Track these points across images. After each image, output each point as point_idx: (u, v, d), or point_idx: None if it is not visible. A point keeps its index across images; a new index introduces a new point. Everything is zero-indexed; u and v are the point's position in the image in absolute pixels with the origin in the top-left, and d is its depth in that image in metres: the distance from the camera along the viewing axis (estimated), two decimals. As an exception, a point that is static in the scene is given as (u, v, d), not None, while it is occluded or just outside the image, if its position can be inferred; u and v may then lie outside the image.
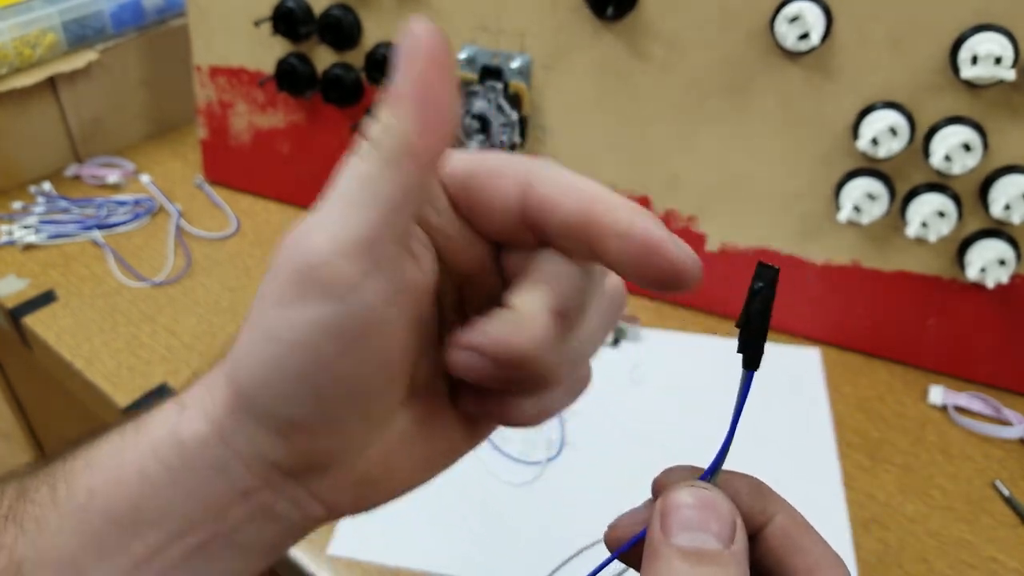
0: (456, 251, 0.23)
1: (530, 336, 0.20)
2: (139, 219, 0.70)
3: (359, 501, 0.23)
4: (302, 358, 0.20)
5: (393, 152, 0.19)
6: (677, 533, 0.20)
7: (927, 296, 0.55)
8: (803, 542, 0.22)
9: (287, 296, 0.20)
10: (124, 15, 0.76)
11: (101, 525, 0.22)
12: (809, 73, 0.52)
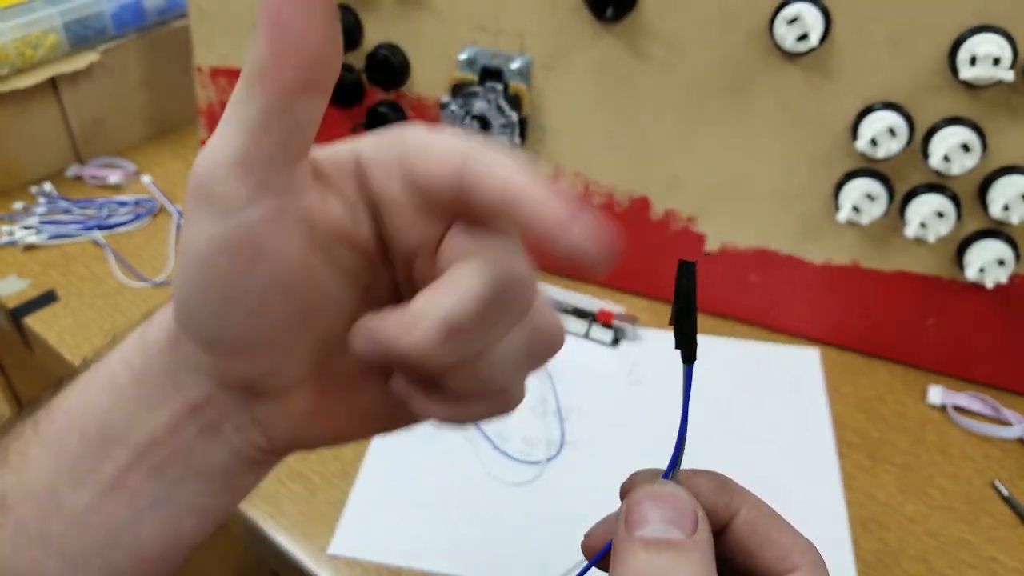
0: (402, 223, 0.23)
1: (413, 339, 0.21)
2: (140, 219, 0.71)
3: (295, 437, 0.25)
4: (198, 273, 0.21)
5: (252, 74, 0.20)
6: (639, 527, 0.20)
7: (926, 296, 0.55)
8: (771, 534, 0.22)
9: (187, 214, 0.21)
10: (125, 16, 0.76)
11: (75, 446, 0.24)
12: (808, 74, 0.52)
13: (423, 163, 0.22)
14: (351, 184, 0.23)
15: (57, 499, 0.24)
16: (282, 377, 0.24)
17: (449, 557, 0.45)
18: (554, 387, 0.54)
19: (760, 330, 0.60)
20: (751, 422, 0.53)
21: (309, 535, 0.46)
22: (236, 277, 0.21)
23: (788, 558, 0.21)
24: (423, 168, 0.22)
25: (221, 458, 0.24)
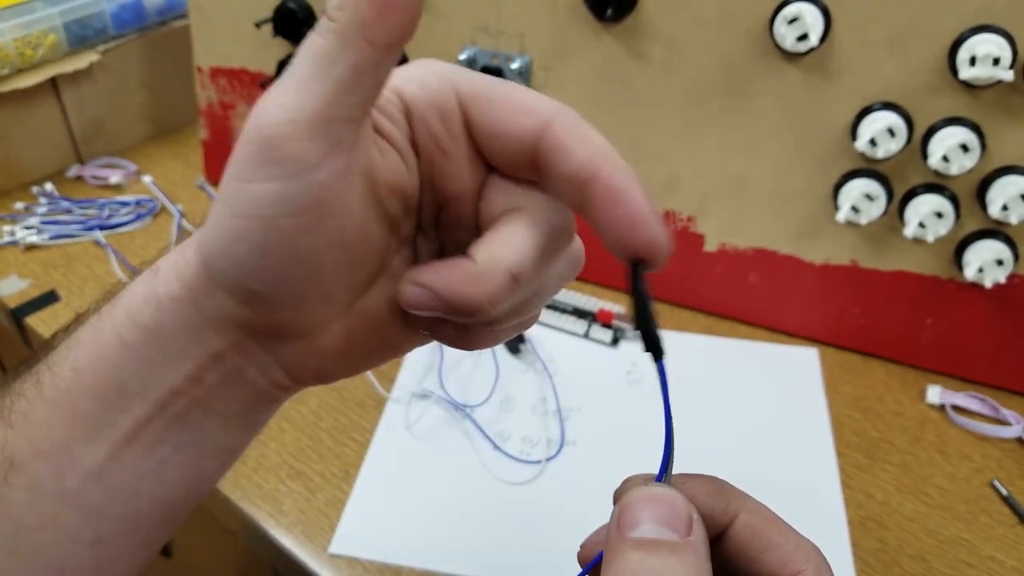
0: (449, 170, 0.23)
1: (483, 291, 0.21)
2: (141, 219, 0.71)
3: (321, 373, 0.25)
4: (259, 232, 0.21)
5: (348, 30, 0.19)
6: (632, 529, 0.20)
7: (925, 296, 0.55)
8: (773, 538, 0.22)
9: (246, 170, 0.20)
10: (125, 16, 0.76)
11: (88, 404, 0.23)
12: (808, 74, 0.52)
13: (504, 116, 0.22)
14: (402, 131, 0.23)
15: (72, 455, 0.23)
16: (317, 320, 0.23)
17: (449, 556, 0.45)
18: (554, 387, 0.55)
19: (759, 330, 0.60)
20: (750, 421, 0.53)
21: (310, 534, 0.46)
22: (301, 237, 0.21)
23: (792, 562, 0.21)
24: (502, 121, 0.22)
25: (244, 400, 0.24)
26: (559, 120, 0.21)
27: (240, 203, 0.21)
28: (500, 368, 0.56)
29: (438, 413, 0.53)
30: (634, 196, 0.21)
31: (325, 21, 0.20)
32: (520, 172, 0.23)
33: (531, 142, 0.21)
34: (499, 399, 0.54)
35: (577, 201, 0.22)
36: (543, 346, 0.58)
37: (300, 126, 0.20)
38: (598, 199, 0.21)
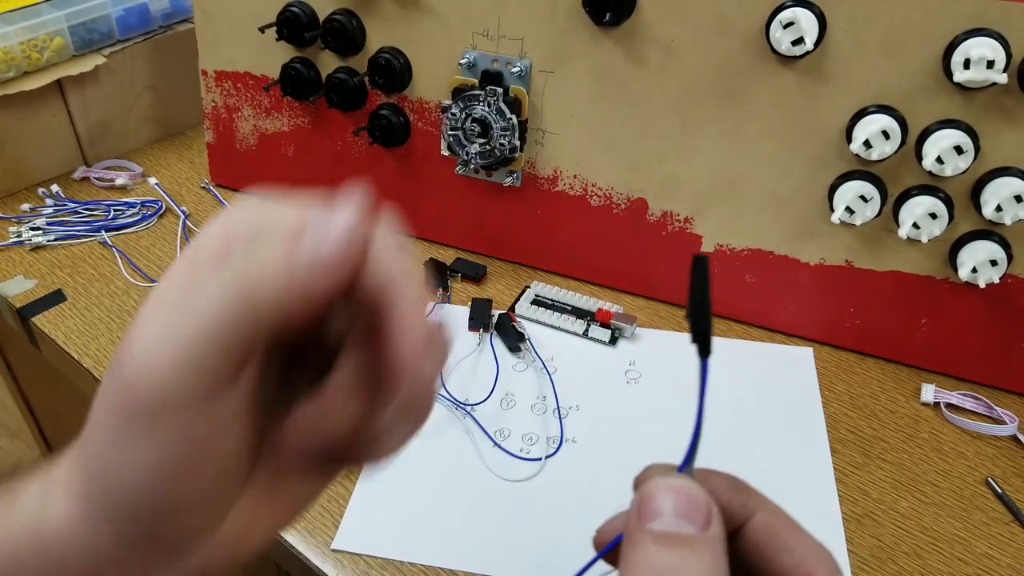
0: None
1: (338, 423, 0.21)
2: (146, 220, 0.71)
3: (232, 557, 0.23)
4: (135, 493, 0.20)
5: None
6: (652, 520, 0.20)
7: (919, 296, 0.56)
8: (789, 540, 0.21)
9: (118, 432, 0.19)
10: (131, 19, 0.77)
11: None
12: (803, 77, 0.52)
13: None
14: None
15: None
16: (207, 528, 0.22)
17: (450, 552, 0.45)
18: (553, 385, 0.55)
19: (755, 329, 0.61)
20: (746, 420, 0.54)
21: (313, 530, 0.46)
22: (179, 486, 0.20)
23: (806, 564, 0.21)
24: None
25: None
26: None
27: (115, 472, 0.20)
28: (500, 367, 0.56)
29: (439, 411, 0.53)
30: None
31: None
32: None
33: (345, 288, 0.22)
34: (499, 397, 0.54)
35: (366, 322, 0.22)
36: (542, 345, 0.58)
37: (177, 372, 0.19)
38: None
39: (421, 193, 0.68)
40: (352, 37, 0.63)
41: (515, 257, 0.67)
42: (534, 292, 0.63)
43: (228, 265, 0.19)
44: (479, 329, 0.59)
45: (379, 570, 0.44)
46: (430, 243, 0.70)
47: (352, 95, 0.65)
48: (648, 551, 0.19)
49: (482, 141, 0.61)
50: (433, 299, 0.63)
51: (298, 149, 0.71)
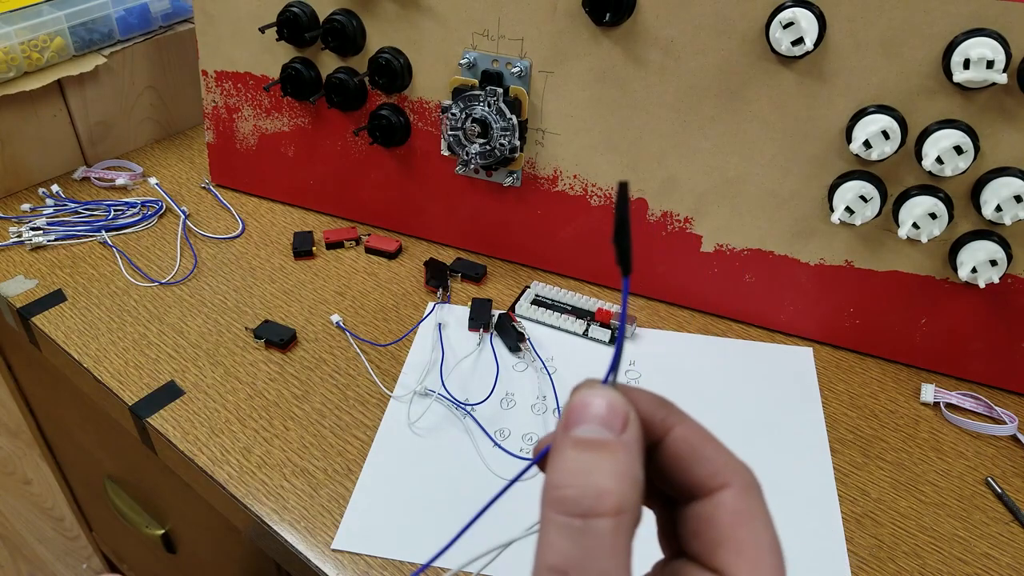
0: None
1: None
2: (147, 221, 0.72)
3: None
4: None
5: None
6: (573, 426, 0.21)
7: (919, 296, 0.56)
8: (705, 451, 0.22)
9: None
10: (131, 20, 0.77)
11: None
12: (803, 78, 0.52)
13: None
14: None
15: None
16: None
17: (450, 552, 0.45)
18: (553, 385, 0.55)
19: (755, 329, 0.61)
20: (745, 419, 0.54)
21: (313, 530, 0.46)
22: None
23: (720, 475, 0.22)
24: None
25: None
26: None
27: None
28: (500, 367, 0.56)
29: (439, 411, 0.54)
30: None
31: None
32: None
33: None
34: (499, 397, 0.54)
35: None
36: (542, 345, 0.59)
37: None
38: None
39: (421, 193, 0.68)
40: (352, 37, 0.63)
41: (515, 257, 0.67)
42: (534, 292, 0.63)
43: None
44: (479, 329, 0.59)
45: (379, 570, 0.44)
46: (430, 243, 0.70)
47: (352, 95, 0.65)
48: (567, 456, 0.20)
49: (482, 141, 0.61)
50: (433, 299, 0.64)
51: (298, 149, 0.71)
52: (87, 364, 0.57)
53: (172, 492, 0.68)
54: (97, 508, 0.96)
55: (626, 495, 0.19)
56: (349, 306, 0.63)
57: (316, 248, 0.69)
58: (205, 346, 0.59)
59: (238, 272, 0.66)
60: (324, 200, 0.72)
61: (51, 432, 0.90)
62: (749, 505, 0.21)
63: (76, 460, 0.90)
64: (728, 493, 0.21)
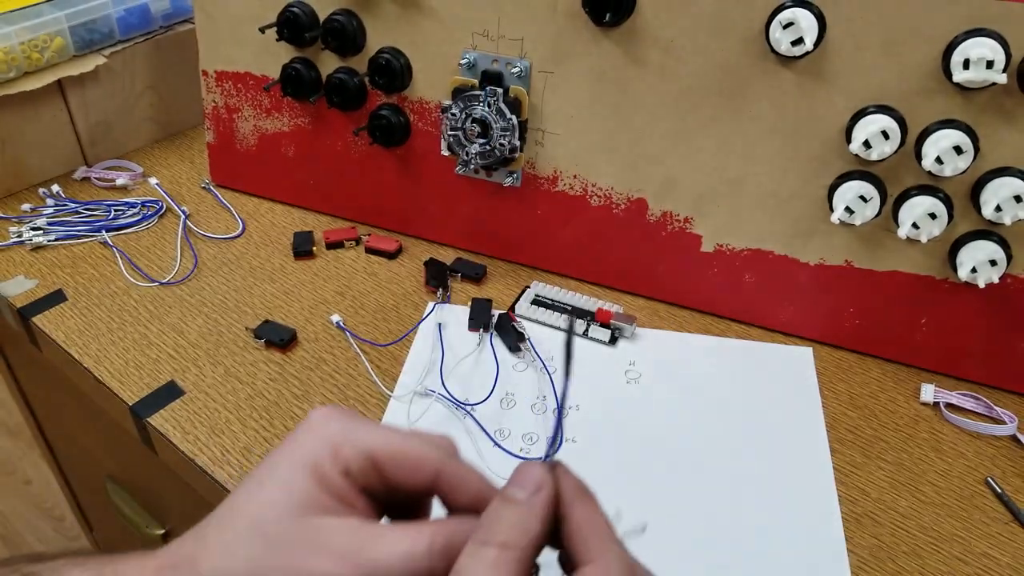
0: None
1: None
2: (147, 221, 0.72)
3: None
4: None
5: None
6: (507, 486, 0.28)
7: (919, 296, 0.56)
8: (589, 534, 0.27)
9: None
10: (131, 20, 0.77)
11: None
12: (802, 78, 0.53)
13: (398, 471, 0.29)
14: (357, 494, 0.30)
15: None
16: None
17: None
18: (553, 385, 0.55)
19: (755, 329, 0.61)
20: (745, 419, 0.54)
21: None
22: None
23: (591, 553, 0.27)
24: (399, 476, 0.29)
25: None
26: (444, 469, 0.29)
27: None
28: (500, 367, 0.56)
29: (440, 411, 0.54)
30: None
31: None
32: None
33: (426, 490, 0.30)
34: (499, 397, 0.54)
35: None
36: (542, 345, 0.59)
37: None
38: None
39: (421, 193, 0.68)
40: (352, 37, 0.63)
41: (515, 257, 0.67)
42: (534, 292, 0.63)
43: None
44: (479, 329, 0.59)
45: (379, 569, 0.44)
46: (430, 243, 0.70)
47: (352, 95, 0.65)
48: (492, 505, 0.27)
49: (482, 141, 0.61)
50: (433, 299, 0.64)
51: (298, 149, 0.71)
52: (87, 364, 0.58)
53: (172, 492, 0.68)
54: (97, 508, 0.96)
55: (514, 537, 0.26)
56: (349, 306, 0.63)
57: (316, 248, 0.69)
58: (205, 346, 0.59)
59: (238, 272, 0.66)
60: (324, 200, 0.73)
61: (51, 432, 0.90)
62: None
63: (76, 460, 0.90)
64: (590, 569, 0.26)
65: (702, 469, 0.50)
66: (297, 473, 0.29)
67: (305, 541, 0.28)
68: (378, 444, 0.29)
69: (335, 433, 0.30)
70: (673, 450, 0.51)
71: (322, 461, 0.29)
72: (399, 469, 0.29)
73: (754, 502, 0.48)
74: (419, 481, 0.29)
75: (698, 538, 0.46)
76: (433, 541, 0.27)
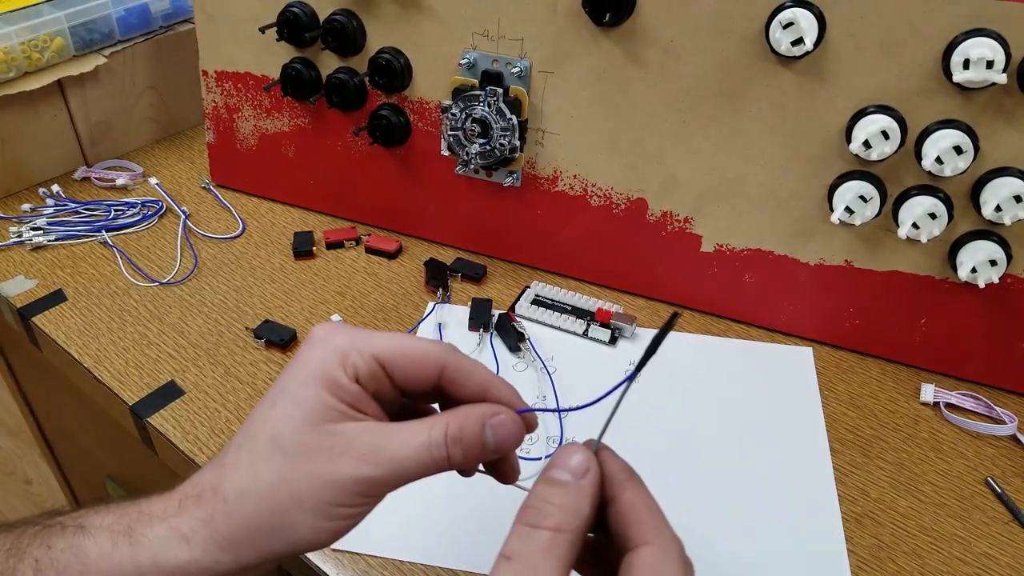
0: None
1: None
2: (147, 221, 0.72)
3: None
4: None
5: None
6: (550, 469, 0.28)
7: (919, 296, 0.56)
8: (642, 513, 0.27)
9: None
10: (131, 20, 0.77)
11: None
12: (802, 78, 0.53)
13: (406, 369, 0.30)
14: (371, 403, 0.32)
15: None
16: None
17: (451, 551, 0.45)
18: (553, 385, 0.55)
19: (755, 329, 0.61)
20: (745, 419, 0.54)
21: (313, 530, 0.46)
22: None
23: (646, 534, 0.27)
24: (408, 373, 0.31)
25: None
26: (448, 363, 0.31)
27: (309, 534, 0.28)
28: (500, 366, 0.56)
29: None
30: (509, 393, 0.32)
31: None
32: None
33: (433, 383, 0.31)
34: (499, 397, 0.54)
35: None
36: (542, 345, 0.59)
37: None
38: (495, 400, 0.32)
39: (421, 193, 0.68)
40: (352, 37, 0.63)
41: (515, 257, 0.67)
42: (534, 292, 0.63)
43: None
44: (479, 329, 0.59)
45: (379, 570, 0.44)
46: (430, 243, 0.70)
47: (352, 95, 0.65)
48: (538, 486, 0.28)
49: (482, 141, 0.61)
50: (433, 299, 0.64)
51: (298, 149, 0.71)
52: (87, 364, 0.58)
53: (172, 492, 0.68)
54: (97, 508, 0.96)
55: (566, 520, 0.26)
56: (349, 306, 0.63)
57: (316, 248, 0.69)
58: (205, 346, 0.59)
59: (238, 272, 0.66)
60: (324, 200, 0.73)
61: (51, 432, 0.90)
62: (661, 561, 0.26)
63: (76, 460, 0.90)
64: (648, 549, 0.26)
65: (702, 469, 0.50)
66: (308, 386, 0.29)
67: (325, 447, 0.28)
68: (384, 347, 0.30)
69: (341, 343, 0.30)
70: (673, 450, 0.51)
71: (332, 370, 0.29)
72: (406, 366, 0.30)
73: (754, 502, 0.48)
74: (426, 376, 0.30)
75: (698, 538, 0.46)
76: (447, 429, 0.28)
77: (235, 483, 0.28)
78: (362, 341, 0.30)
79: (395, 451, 0.28)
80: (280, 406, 0.29)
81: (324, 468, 0.28)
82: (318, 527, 0.28)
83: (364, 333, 0.31)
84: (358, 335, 0.30)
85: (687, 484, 0.49)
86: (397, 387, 0.31)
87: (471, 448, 0.29)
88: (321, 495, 0.28)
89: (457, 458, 0.29)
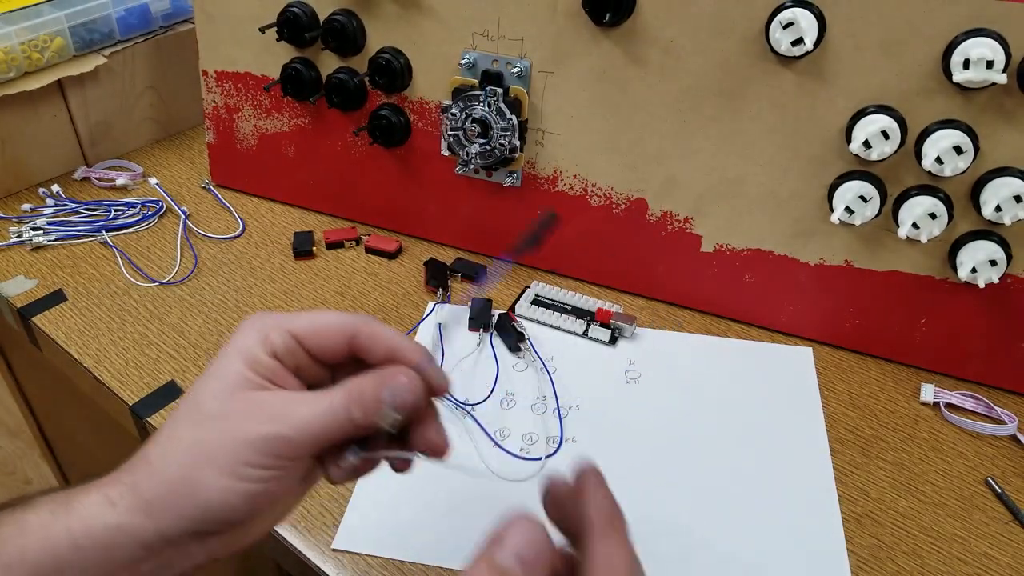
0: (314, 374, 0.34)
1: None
2: (147, 221, 0.72)
3: (231, 548, 0.32)
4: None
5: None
6: (498, 548, 0.31)
7: (919, 296, 0.56)
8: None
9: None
10: (132, 20, 0.77)
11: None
12: (802, 78, 0.53)
13: (317, 340, 0.33)
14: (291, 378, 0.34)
15: None
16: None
17: (451, 551, 0.45)
18: (553, 385, 0.55)
19: (755, 329, 0.61)
20: (745, 419, 0.54)
21: (313, 530, 0.46)
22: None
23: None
24: (320, 343, 0.33)
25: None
26: (357, 330, 0.33)
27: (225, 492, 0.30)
28: (500, 367, 0.56)
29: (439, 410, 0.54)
30: (419, 354, 0.33)
31: None
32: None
33: (345, 351, 0.33)
34: (499, 397, 0.54)
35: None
36: (542, 345, 0.59)
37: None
38: (405, 362, 0.33)
39: (421, 193, 0.68)
40: (352, 37, 0.63)
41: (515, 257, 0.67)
42: (534, 292, 0.63)
43: None
44: (479, 329, 0.59)
45: (379, 570, 0.44)
46: (430, 243, 0.70)
47: (352, 95, 0.65)
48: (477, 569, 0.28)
49: (482, 141, 0.61)
50: (433, 299, 0.64)
51: (298, 149, 0.71)
52: (87, 364, 0.58)
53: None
54: (97, 508, 0.96)
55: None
56: (349, 306, 0.63)
57: (316, 248, 0.69)
58: (205, 346, 0.59)
59: (238, 272, 0.66)
60: (324, 200, 0.73)
61: (51, 432, 0.90)
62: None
63: (76, 460, 0.90)
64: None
65: (702, 469, 0.50)
66: (231, 361, 0.32)
67: (239, 411, 0.30)
68: (299, 324, 0.33)
69: (263, 325, 0.33)
70: (673, 450, 0.51)
71: (251, 347, 0.32)
72: (317, 337, 0.32)
73: (754, 502, 0.48)
74: (337, 345, 0.33)
75: (698, 538, 0.46)
76: (348, 395, 0.31)
77: (159, 446, 0.31)
78: (283, 321, 0.33)
79: (302, 413, 0.30)
80: (206, 380, 0.32)
81: (236, 427, 0.30)
82: (228, 487, 0.29)
83: (287, 315, 0.33)
84: (282, 317, 0.33)
85: (687, 483, 0.49)
86: (317, 361, 0.33)
87: (369, 406, 0.31)
88: (232, 453, 0.29)
89: (358, 417, 0.31)
